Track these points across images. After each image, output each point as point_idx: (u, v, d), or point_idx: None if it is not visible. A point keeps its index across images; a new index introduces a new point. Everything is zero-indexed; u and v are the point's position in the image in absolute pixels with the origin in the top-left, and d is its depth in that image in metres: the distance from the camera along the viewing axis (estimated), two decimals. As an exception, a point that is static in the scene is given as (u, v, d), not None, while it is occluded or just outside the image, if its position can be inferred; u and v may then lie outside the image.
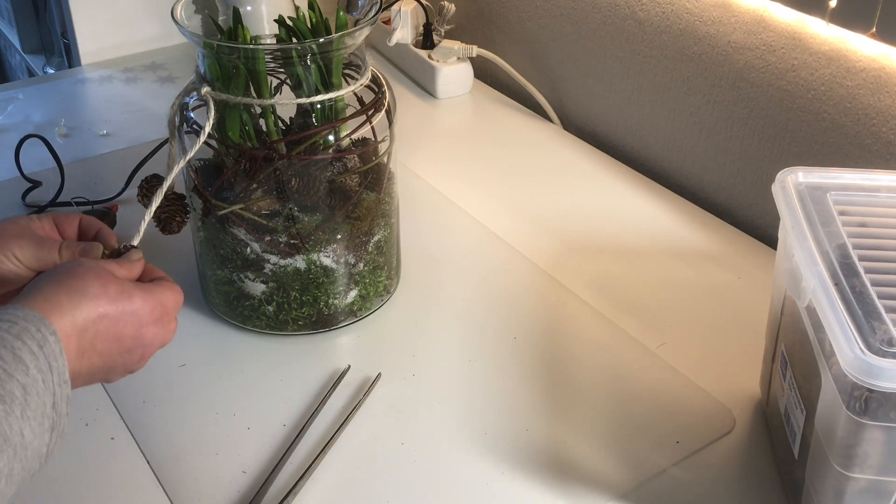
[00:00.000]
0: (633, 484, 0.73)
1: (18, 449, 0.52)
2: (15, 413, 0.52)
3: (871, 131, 0.89)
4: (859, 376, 0.56)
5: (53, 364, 0.55)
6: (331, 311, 0.86)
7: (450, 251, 0.99)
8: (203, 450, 0.75)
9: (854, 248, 0.66)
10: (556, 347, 0.86)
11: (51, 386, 0.55)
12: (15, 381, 0.53)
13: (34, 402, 0.54)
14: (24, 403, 0.53)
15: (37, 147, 1.09)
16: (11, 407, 0.52)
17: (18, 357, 0.54)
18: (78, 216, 0.71)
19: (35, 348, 0.55)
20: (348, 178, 0.82)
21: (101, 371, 0.62)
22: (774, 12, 0.95)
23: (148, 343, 0.63)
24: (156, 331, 0.63)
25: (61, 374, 0.56)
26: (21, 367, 0.53)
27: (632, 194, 1.09)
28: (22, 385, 0.53)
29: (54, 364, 0.55)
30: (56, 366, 0.55)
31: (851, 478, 0.61)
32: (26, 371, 0.54)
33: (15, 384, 0.53)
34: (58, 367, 0.56)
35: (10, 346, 0.54)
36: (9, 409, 0.52)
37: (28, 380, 0.54)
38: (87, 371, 0.60)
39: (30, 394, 0.53)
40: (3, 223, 0.67)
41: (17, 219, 0.68)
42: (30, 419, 0.53)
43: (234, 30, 0.79)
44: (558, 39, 1.25)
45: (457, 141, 1.22)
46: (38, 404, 0.54)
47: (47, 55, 1.80)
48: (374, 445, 0.76)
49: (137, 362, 0.64)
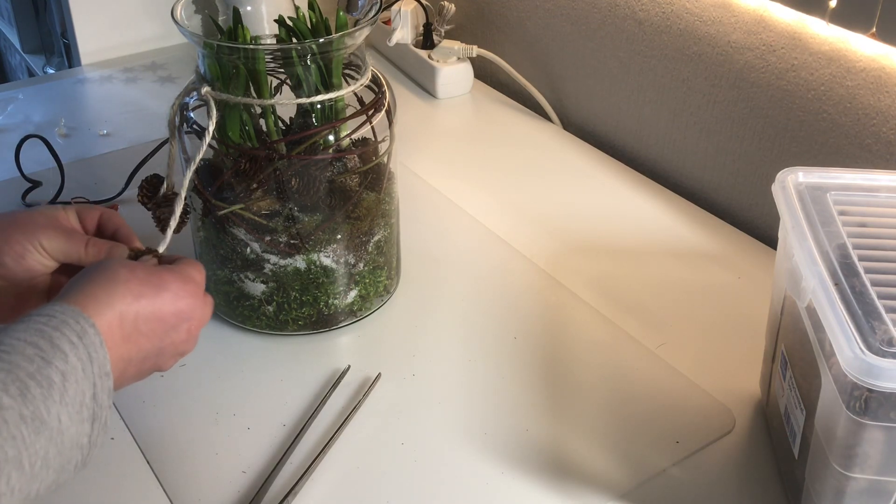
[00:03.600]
0: (633, 484, 0.73)
1: (55, 434, 0.53)
2: (54, 398, 0.53)
3: (871, 131, 0.89)
4: (859, 376, 0.56)
5: (94, 355, 0.56)
6: (331, 311, 0.86)
7: (450, 251, 0.99)
8: (203, 450, 0.75)
9: (854, 248, 0.66)
10: (556, 347, 0.86)
11: (91, 376, 0.55)
12: (54, 367, 0.54)
13: (73, 389, 0.54)
14: (62, 389, 0.53)
15: (37, 147, 1.09)
16: (50, 391, 0.53)
17: (57, 346, 0.54)
18: (99, 210, 0.71)
19: (74, 339, 0.55)
20: (348, 178, 0.82)
21: (151, 354, 0.62)
22: (774, 12, 0.95)
23: (188, 316, 0.64)
24: (193, 303, 0.64)
25: (102, 365, 0.56)
26: (60, 355, 0.54)
27: (632, 194, 1.09)
28: (61, 372, 0.54)
29: (94, 355, 0.56)
30: (96, 357, 0.56)
31: (851, 478, 0.61)
32: (65, 359, 0.54)
33: (54, 370, 0.53)
34: (98, 359, 0.56)
35: (49, 336, 0.54)
36: (47, 394, 0.53)
37: (67, 367, 0.54)
38: (138, 356, 0.61)
39: (69, 381, 0.54)
40: (32, 213, 0.68)
41: (45, 209, 0.68)
42: (68, 405, 0.54)
43: (234, 30, 0.79)
44: (558, 39, 1.25)
45: (457, 141, 1.22)
46: (76, 392, 0.54)
47: (47, 55, 1.80)
48: (374, 445, 0.76)
49: (185, 341, 0.65)
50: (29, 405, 0.52)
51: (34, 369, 0.53)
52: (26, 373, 0.52)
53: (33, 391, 0.52)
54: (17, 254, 0.65)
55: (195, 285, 0.65)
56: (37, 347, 0.54)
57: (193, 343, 0.66)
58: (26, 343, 0.54)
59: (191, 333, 0.65)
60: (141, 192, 0.84)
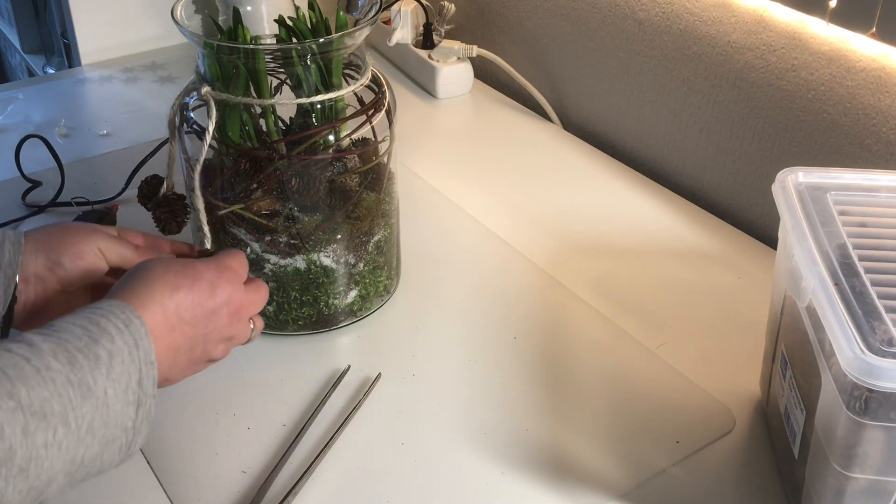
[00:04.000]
0: (633, 484, 0.73)
1: (101, 404, 0.55)
2: (101, 370, 0.55)
3: (871, 131, 0.89)
4: (859, 376, 0.56)
5: (140, 342, 0.58)
6: (331, 311, 0.86)
7: (450, 251, 0.99)
8: (203, 450, 0.75)
9: (854, 248, 0.66)
10: (556, 347, 0.86)
11: (137, 361, 0.57)
12: (101, 345, 0.56)
13: (119, 368, 0.56)
14: (109, 366, 0.56)
15: (37, 147, 1.09)
16: (98, 364, 0.55)
17: (104, 329, 0.57)
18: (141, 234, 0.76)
19: (121, 325, 0.58)
20: (348, 178, 0.82)
21: (199, 341, 0.65)
22: (774, 12, 0.95)
23: (226, 301, 0.66)
24: (231, 289, 0.67)
25: (147, 353, 0.58)
26: (107, 336, 0.56)
27: (632, 194, 1.09)
28: (108, 351, 0.56)
29: (140, 342, 0.58)
30: (143, 344, 0.58)
31: (851, 478, 0.61)
32: (112, 340, 0.57)
33: (101, 348, 0.56)
34: (144, 346, 0.58)
35: (97, 321, 0.57)
36: (94, 366, 0.55)
37: (114, 347, 0.56)
38: (185, 343, 0.63)
39: (115, 360, 0.56)
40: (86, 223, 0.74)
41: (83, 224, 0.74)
42: (115, 381, 0.56)
43: (234, 30, 0.79)
44: (558, 39, 1.25)
45: (457, 141, 1.22)
46: (122, 372, 0.56)
47: (47, 55, 1.80)
48: (375, 445, 0.76)
49: (228, 325, 0.67)
50: (77, 372, 0.54)
51: (82, 345, 0.55)
52: (75, 347, 0.55)
53: (81, 361, 0.54)
54: (74, 255, 0.68)
55: (232, 272, 0.68)
56: (85, 329, 0.56)
57: (240, 328, 0.68)
58: (75, 325, 0.56)
59: (234, 318, 0.67)
60: (141, 193, 0.84)
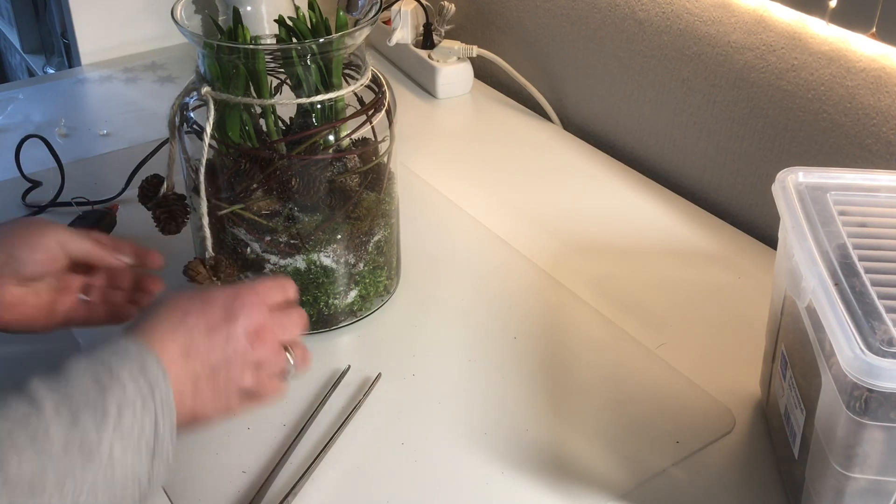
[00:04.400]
0: (633, 484, 0.73)
1: (105, 466, 0.52)
2: (107, 426, 0.53)
3: (871, 131, 0.89)
4: (859, 376, 0.56)
5: (156, 388, 0.56)
6: (331, 311, 0.86)
7: (450, 251, 0.99)
8: (203, 450, 0.75)
9: (854, 248, 0.66)
10: (556, 347, 0.86)
11: (152, 410, 0.55)
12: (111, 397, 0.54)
13: (129, 421, 0.54)
14: (117, 420, 0.53)
15: (37, 147, 1.09)
16: (104, 420, 0.53)
17: (116, 376, 0.54)
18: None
19: (136, 371, 0.55)
20: (348, 178, 0.82)
21: (220, 367, 0.61)
22: (774, 12, 0.95)
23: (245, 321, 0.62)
24: (249, 310, 0.63)
25: (165, 398, 0.56)
26: (118, 385, 0.54)
27: (632, 194, 1.09)
28: (118, 403, 0.54)
29: (157, 388, 0.56)
30: (159, 389, 0.56)
31: (851, 478, 0.61)
32: (123, 389, 0.54)
33: (110, 401, 0.53)
34: (161, 391, 0.56)
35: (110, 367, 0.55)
36: (100, 422, 0.53)
37: (125, 398, 0.54)
38: (204, 371, 0.60)
39: (125, 412, 0.54)
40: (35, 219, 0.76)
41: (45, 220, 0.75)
42: (123, 437, 0.53)
43: (234, 30, 0.79)
44: (558, 39, 1.25)
45: (457, 141, 1.22)
46: (133, 425, 0.54)
47: (47, 55, 1.80)
48: (374, 445, 0.76)
49: (251, 348, 0.62)
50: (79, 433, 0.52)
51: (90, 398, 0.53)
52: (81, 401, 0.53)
53: (84, 420, 0.52)
54: (29, 247, 0.68)
55: (253, 294, 0.64)
56: (95, 379, 0.54)
57: (267, 352, 0.64)
58: (86, 373, 0.54)
59: (255, 340, 0.63)
60: (141, 192, 0.84)
